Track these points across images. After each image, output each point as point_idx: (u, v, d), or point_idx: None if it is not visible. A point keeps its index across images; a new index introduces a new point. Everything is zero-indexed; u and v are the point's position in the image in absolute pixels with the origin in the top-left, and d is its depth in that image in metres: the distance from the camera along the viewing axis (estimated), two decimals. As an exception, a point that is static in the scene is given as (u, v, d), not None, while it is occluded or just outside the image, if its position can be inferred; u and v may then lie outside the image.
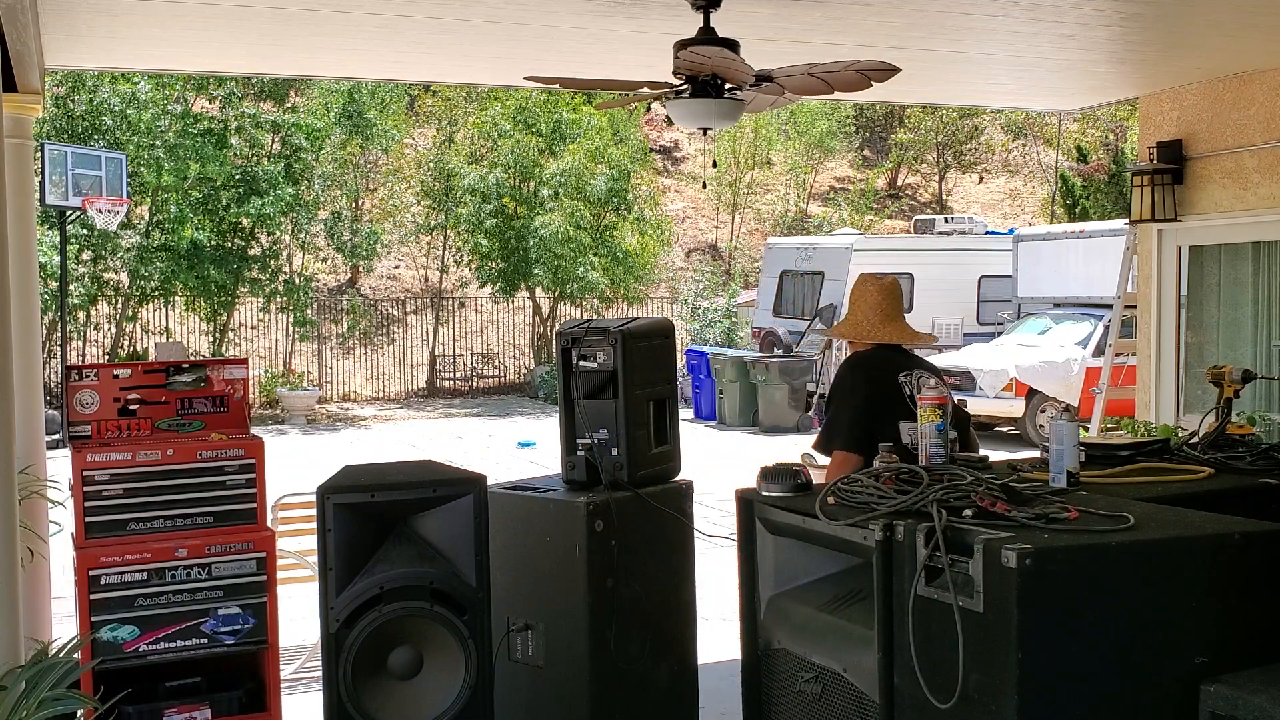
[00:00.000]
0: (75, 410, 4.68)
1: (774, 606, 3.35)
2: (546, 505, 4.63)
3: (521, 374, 22.15)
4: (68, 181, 14.13)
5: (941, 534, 2.73)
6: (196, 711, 4.46)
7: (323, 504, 4.07)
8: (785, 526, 3.29)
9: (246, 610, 4.51)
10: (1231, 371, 4.33)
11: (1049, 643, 2.57)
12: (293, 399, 18.45)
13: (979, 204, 30.35)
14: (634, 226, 21.17)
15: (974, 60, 6.71)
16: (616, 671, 4.40)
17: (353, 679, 4.01)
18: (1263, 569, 2.77)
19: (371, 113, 19.80)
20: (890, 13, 5.37)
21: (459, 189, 20.56)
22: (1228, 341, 7.49)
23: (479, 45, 6.21)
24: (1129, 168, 7.90)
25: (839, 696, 3.07)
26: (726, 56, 4.59)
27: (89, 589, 4.33)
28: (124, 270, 18.06)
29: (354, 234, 20.29)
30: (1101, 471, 3.64)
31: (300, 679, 5.92)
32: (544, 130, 20.55)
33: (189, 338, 19.64)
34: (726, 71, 4.81)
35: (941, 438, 3.43)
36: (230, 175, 17.85)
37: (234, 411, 4.87)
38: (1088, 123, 27.91)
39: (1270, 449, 3.95)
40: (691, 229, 28.06)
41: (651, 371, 4.75)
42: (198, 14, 5.42)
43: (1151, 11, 5.45)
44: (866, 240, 19.53)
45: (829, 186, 30.62)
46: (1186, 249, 7.64)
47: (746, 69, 4.74)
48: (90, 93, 16.93)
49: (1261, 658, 2.68)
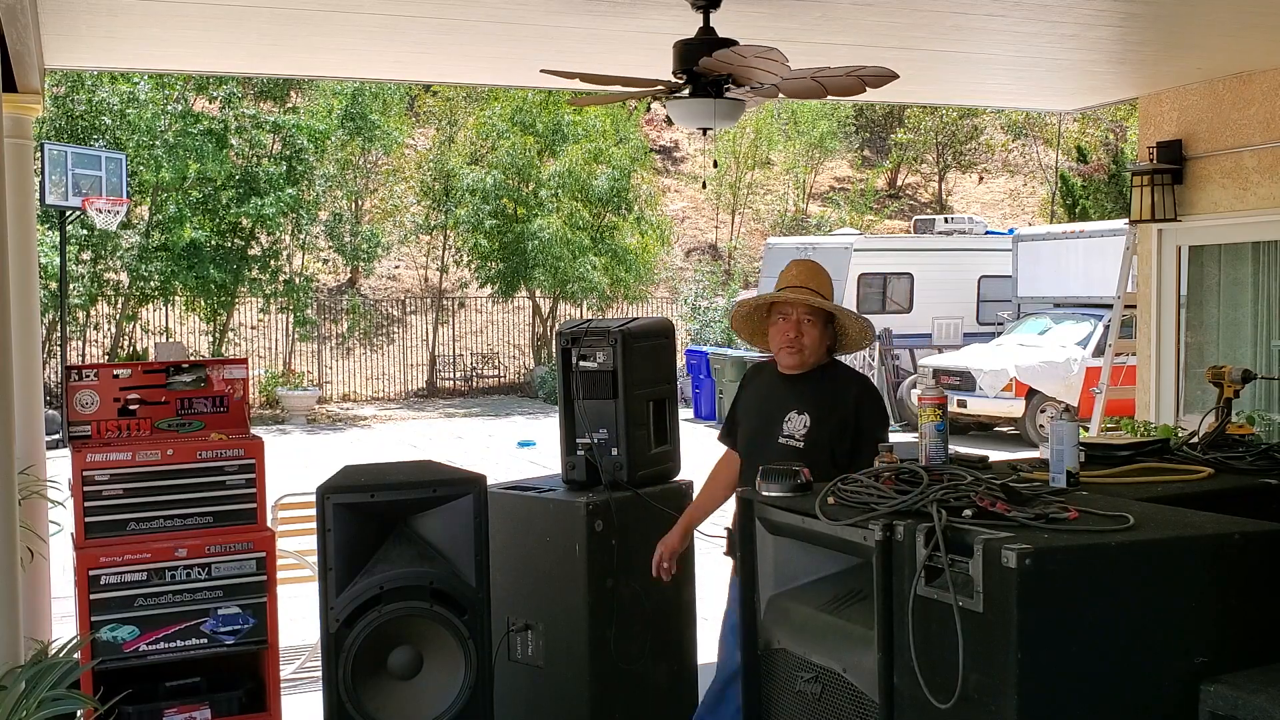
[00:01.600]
0: (75, 410, 4.68)
1: (774, 606, 3.35)
2: (546, 505, 4.64)
3: (521, 374, 22.15)
4: (68, 181, 14.13)
5: (941, 534, 2.73)
6: (196, 711, 4.46)
7: (323, 504, 4.07)
8: (785, 526, 3.29)
9: (246, 610, 4.51)
10: (1231, 371, 4.33)
11: (1049, 643, 2.57)
12: (293, 399, 18.45)
13: (979, 204, 30.36)
14: (634, 226, 21.17)
15: (974, 60, 6.71)
16: (616, 671, 4.41)
17: (353, 679, 4.01)
18: (1263, 569, 2.77)
19: (374, 114, 19.80)
20: (890, 13, 5.37)
21: (459, 189, 20.57)
22: (1228, 341, 7.49)
23: (479, 45, 6.21)
24: (1129, 168, 7.90)
25: (839, 696, 3.07)
26: (763, 55, 4.52)
27: (89, 589, 4.33)
28: (124, 270, 18.06)
29: (354, 235, 20.29)
30: (1101, 471, 3.63)
31: (300, 679, 5.92)
32: (543, 131, 20.55)
33: (189, 338, 19.64)
34: (750, 73, 4.79)
35: (941, 438, 3.43)
36: (230, 175, 17.85)
37: (234, 411, 4.87)
38: (1088, 123, 27.91)
39: (1270, 449, 3.94)
40: (691, 229, 28.06)
41: (651, 371, 4.76)
42: (198, 14, 5.42)
43: (1151, 11, 5.45)
44: (866, 240, 19.53)
45: (829, 186, 30.62)
46: (1186, 249, 7.64)
47: (775, 69, 4.70)
48: (90, 93, 16.93)
49: (1261, 658, 2.68)
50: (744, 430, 4.11)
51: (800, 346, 3.90)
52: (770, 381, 4.08)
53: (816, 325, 3.92)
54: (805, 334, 3.90)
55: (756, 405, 4.09)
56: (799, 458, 3.75)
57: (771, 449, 3.87)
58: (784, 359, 3.96)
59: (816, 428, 3.85)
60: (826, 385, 3.95)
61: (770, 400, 4.02)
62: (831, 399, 3.91)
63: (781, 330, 3.93)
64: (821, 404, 3.90)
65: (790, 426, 3.88)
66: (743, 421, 4.13)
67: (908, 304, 18.15)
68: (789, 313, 3.92)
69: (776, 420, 3.93)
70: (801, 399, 3.92)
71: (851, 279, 17.78)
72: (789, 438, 3.87)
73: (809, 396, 3.92)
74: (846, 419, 3.88)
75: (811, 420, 3.87)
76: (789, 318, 3.92)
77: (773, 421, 3.94)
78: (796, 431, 3.87)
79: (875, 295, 18.02)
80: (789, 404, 3.93)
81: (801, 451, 3.82)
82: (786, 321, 3.92)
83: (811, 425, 3.86)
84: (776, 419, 3.93)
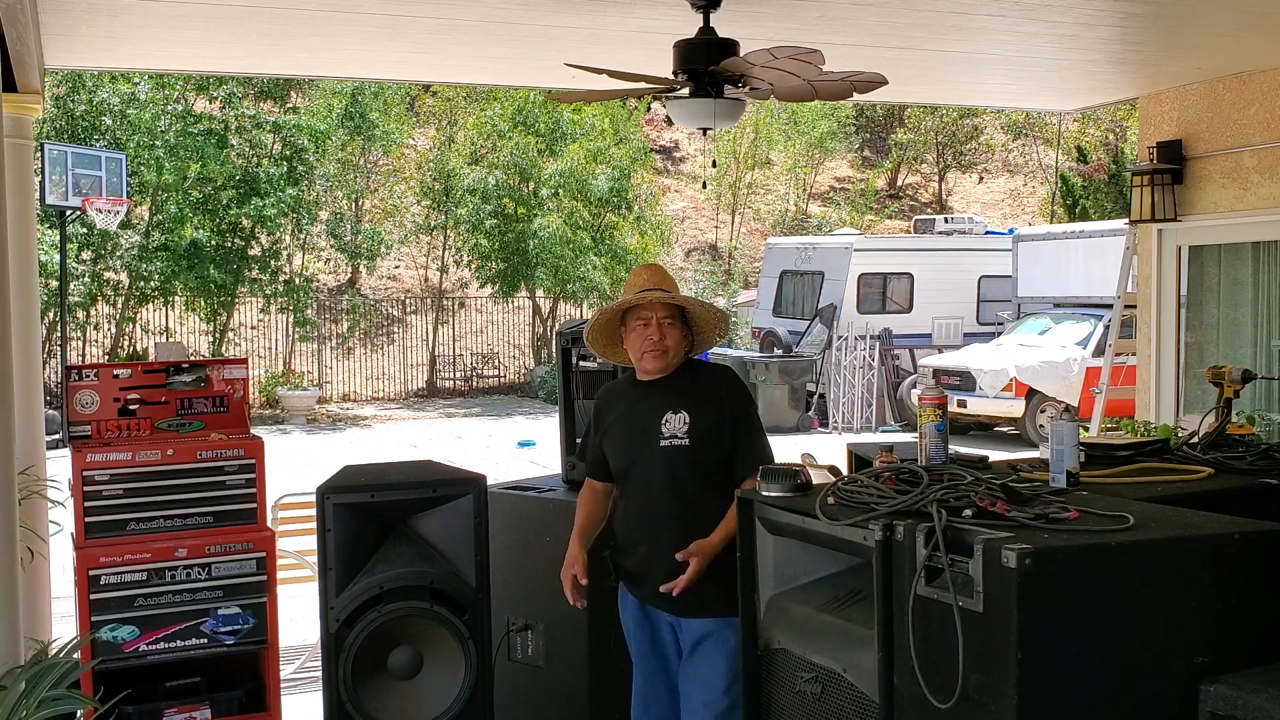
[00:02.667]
0: (75, 410, 4.68)
1: (774, 606, 3.35)
2: (546, 505, 4.64)
3: (521, 374, 22.15)
4: (68, 181, 14.13)
5: (941, 534, 2.73)
6: (196, 711, 4.47)
7: (323, 504, 4.07)
8: (785, 526, 3.29)
9: (246, 610, 4.51)
10: (1231, 371, 4.33)
11: (1049, 643, 2.57)
12: (293, 399, 18.45)
13: (979, 204, 30.36)
14: (634, 226, 21.17)
15: (974, 60, 6.71)
16: (616, 671, 4.40)
17: (353, 679, 4.01)
18: (1263, 569, 2.77)
19: (374, 115, 19.80)
20: (890, 13, 5.37)
21: (459, 189, 20.57)
22: (1228, 341, 7.49)
23: (479, 45, 6.21)
24: (1129, 168, 7.90)
25: (839, 696, 3.07)
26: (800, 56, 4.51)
27: (89, 589, 4.33)
28: (124, 270, 18.06)
29: (355, 234, 20.30)
30: (1101, 471, 3.63)
31: (300, 679, 5.92)
32: (543, 130, 20.55)
33: (189, 338, 19.64)
34: (772, 75, 4.80)
35: (941, 438, 3.43)
36: (230, 175, 17.85)
37: (234, 411, 4.87)
38: (1088, 123, 27.91)
39: (1270, 449, 3.95)
40: (691, 229, 28.06)
41: (651, 371, 4.75)
42: (198, 14, 5.42)
43: (1151, 11, 5.45)
44: (866, 240, 19.53)
45: (829, 186, 30.62)
46: (1186, 249, 7.64)
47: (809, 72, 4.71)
48: (90, 93, 16.93)
49: (1261, 658, 2.68)
50: (616, 449, 3.95)
51: (664, 349, 3.83)
52: (631, 395, 3.98)
53: (676, 325, 3.86)
54: (667, 335, 3.83)
55: (625, 421, 3.95)
56: (687, 455, 3.76)
57: (656, 455, 3.81)
58: (648, 364, 3.86)
59: (698, 421, 3.79)
60: (693, 381, 3.90)
61: (638, 411, 3.90)
62: (702, 391, 3.87)
63: (643, 335, 3.84)
64: (695, 398, 3.84)
65: (670, 427, 3.80)
66: (612, 445, 3.97)
67: (908, 304, 18.14)
68: (648, 317, 3.84)
69: (653, 426, 3.82)
70: (673, 398, 3.84)
71: (851, 279, 17.78)
72: (672, 438, 3.79)
73: (680, 394, 3.85)
74: (723, 407, 3.83)
75: (691, 416, 3.80)
76: (649, 322, 3.84)
77: (649, 429, 3.83)
78: (679, 430, 3.79)
79: (875, 295, 18.02)
80: (662, 407, 3.84)
81: (689, 448, 3.78)
82: (647, 326, 3.84)
83: (693, 420, 3.79)
84: (652, 425, 3.82)
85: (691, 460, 3.79)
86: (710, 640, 3.75)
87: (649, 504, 3.84)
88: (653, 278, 3.95)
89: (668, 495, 3.81)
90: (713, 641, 3.75)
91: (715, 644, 3.74)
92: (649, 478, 3.84)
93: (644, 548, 3.85)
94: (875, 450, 4.06)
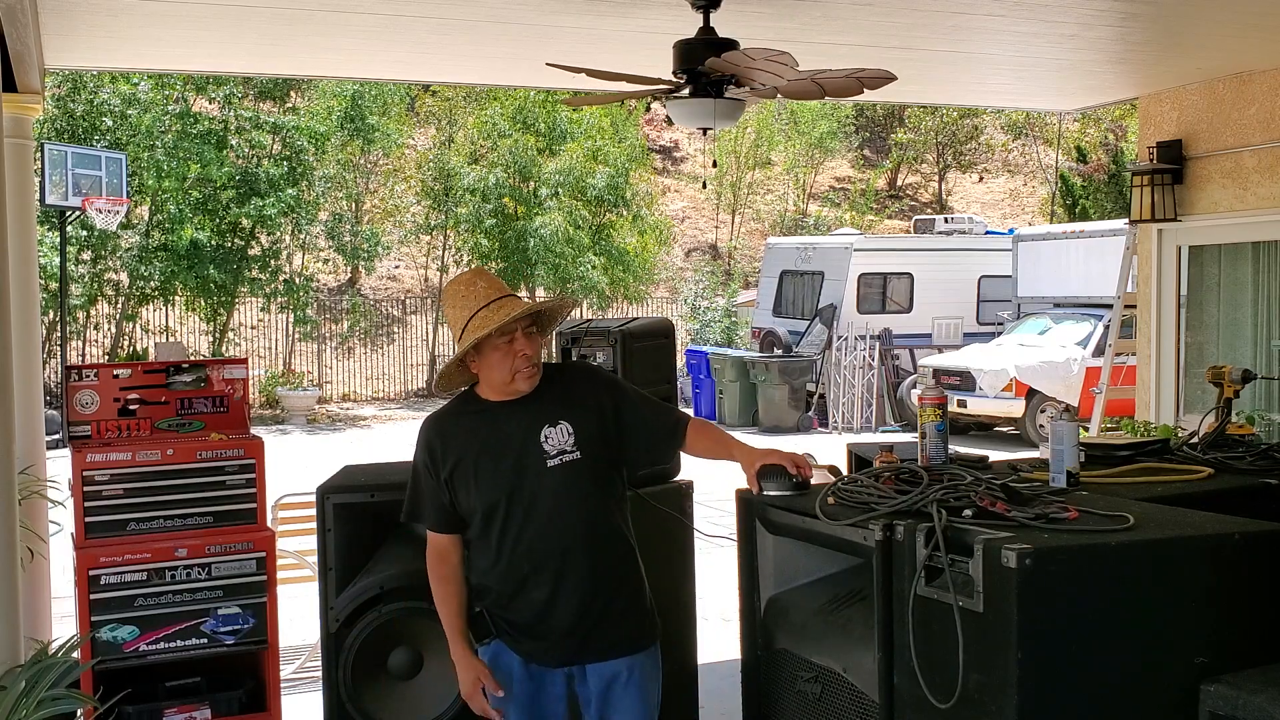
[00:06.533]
0: (75, 410, 4.68)
1: (774, 606, 3.35)
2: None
3: (521, 374, 22.12)
4: (68, 181, 14.13)
5: (941, 534, 2.74)
6: (196, 711, 4.46)
7: (323, 504, 4.07)
8: (785, 526, 3.29)
9: (246, 610, 4.51)
10: (1231, 371, 4.34)
11: (1049, 643, 2.57)
12: (293, 399, 18.44)
13: (979, 204, 30.36)
14: (632, 226, 21.17)
15: (974, 60, 6.71)
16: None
17: (353, 679, 4.01)
18: (1263, 569, 2.77)
19: (374, 116, 19.79)
20: (890, 13, 5.37)
21: (459, 189, 20.57)
22: (1228, 341, 7.49)
23: (479, 45, 6.21)
24: (1129, 168, 7.90)
25: (839, 696, 3.07)
26: (773, 58, 4.48)
27: (89, 589, 4.33)
28: (124, 270, 18.06)
29: (354, 234, 20.30)
30: (1101, 471, 3.64)
31: (300, 679, 5.92)
32: (543, 129, 20.55)
33: (189, 338, 19.63)
34: (756, 75, 4.79)
35: (941, 438, 3.43)
36: (230, 176, 17.85)
37: (234, 411, 4.87)
38: (1088, 123, 27.92)
39: (1270, 449, 3.95)
40: (691, 229, 28.06)
41: (651, 371, 4.75)
42: (198, 14, 5.42)
43: (1151, 11, 5.45)
44: (866, 240, 19.52)
45: (829, 186, 30.62)
46: (1186, 249, 7.64)
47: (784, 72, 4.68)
48: (90, 93, 16.93)
49: (1261, 658, 2.68)
50: (481, 487, 3.29)
51: (538, 362, 3.31)
52: (480, 422, 3.34)
53: (536, 333, 3.33)
54: (531, 347, 3.28)
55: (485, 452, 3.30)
56: (586, 468, 3.27)
57: (544, 478, 3.25)
58: (522, 384, 3.27)
59: (583, 428, 3.28)
60: (557, 386, 3.36)
61: (501, 436, 3.29)
62: (570, 393, 3.35)
63: (509, 354, 3.24)
64: (568, 403, 3.32)
65: (554, 443, 3.25)
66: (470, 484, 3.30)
67: (908, 304, 18.14)
68: (513, 329, 3.24)
69: (529, 448, 3.25)
70: (545, 410, 3.29)
71: (851, 279, 17.78)
72: (561, 454, 3.25)
73: (550, 403, 3.31)
74: (600, 402, 3.34)
75: (573, 423, 3.27)
76: (513, 338, 3.25)
77: (525, 453, 3.25)
78: (565, 444, 3.26)
79: (875, 295, 18.02)
80: (535, 423, 3.27)
81: (584, 460, 3.26)
82: (512, 343, 3.24)
83: (576, 428, 3.27)
84: (529, 447, 3.26)
85: (592, 473, 3.28)
86: (619, 683, 3.30)
87: (543, 537, 3.24)
88: (492, 287, 3.32)
89: (569, 520, 3.25)
90: (622, 684, 3.30)
91: (625, 686, 3.31)
92: (537, 507, 3.24)
93: (546, 590, 3.25)
94: (875, 450, 4.06)
